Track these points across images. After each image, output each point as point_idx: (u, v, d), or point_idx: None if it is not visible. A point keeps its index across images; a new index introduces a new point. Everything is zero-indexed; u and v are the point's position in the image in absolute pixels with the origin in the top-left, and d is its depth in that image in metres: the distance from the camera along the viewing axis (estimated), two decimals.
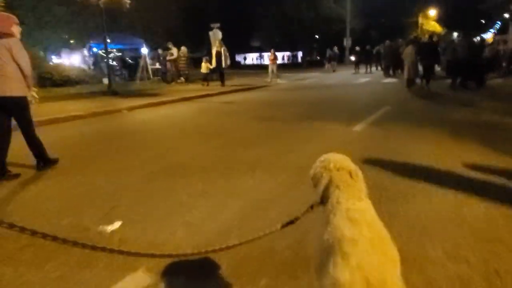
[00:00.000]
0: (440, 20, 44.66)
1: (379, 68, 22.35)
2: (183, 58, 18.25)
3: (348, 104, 9.77)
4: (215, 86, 15.03)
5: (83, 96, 12.32)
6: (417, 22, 44.89)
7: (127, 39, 19.37)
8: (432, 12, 44.37)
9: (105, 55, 15.66)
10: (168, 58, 17.76)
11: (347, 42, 31.02)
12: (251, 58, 50.99)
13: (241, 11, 36.04)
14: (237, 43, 45.14)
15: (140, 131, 7.09)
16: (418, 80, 12.85)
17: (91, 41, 19.22)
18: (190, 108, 10.10)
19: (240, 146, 5.43)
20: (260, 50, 51.34)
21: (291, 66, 36.08)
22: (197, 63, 19.94)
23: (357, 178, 1.47)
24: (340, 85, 15.54)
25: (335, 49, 24.76)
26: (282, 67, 35.61)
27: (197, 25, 27.62)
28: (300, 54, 49.08)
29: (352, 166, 1.53)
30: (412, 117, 7.33)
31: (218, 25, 20.06)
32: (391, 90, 12.68)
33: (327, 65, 25.70)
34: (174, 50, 17.64)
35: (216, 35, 20.06)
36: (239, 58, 50.93)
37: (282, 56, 44.34)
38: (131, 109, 9.73)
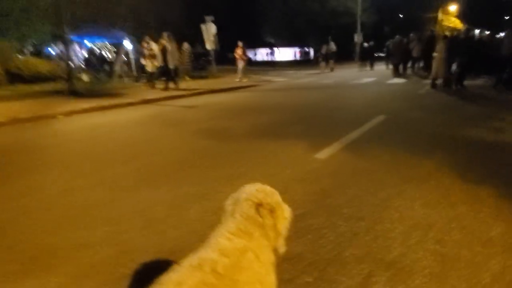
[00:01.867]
0: (460, 16, 41.69)
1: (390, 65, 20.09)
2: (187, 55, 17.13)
3: (334, 111, 7.83)
4: (198, 85, 13.28)
5: (38, 96, 10.79)
6: (435, 18, 42.21)
7: (109, 32, 17.74)
8: (453, 8, 41.55)
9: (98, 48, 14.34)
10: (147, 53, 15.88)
11: (358, 37, 28.63)
12: (263, 54, 49.09)
13: (247, 3, 34.13)
14: (246, 38, 43.50)
15: (41, 148, 5.37)
16: (439, 81, 11.15)
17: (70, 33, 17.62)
18: (137, 114, 8.33)
19: (149, 178, 3.72)
20: (271, 45, 49.47)
21: (302, 63, 34.01)
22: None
23: (266, 215, 1.20)
24: (338, 85, 13.51)
25: (332, 44, 21.20)
26: (290, 64, 33.93)
27: (196, 19, 26.05)
28: (312, 50, 46.96)
29: (268, 200, 1.24)
30: (410, 136, 5.36)
31: (212, 17, 18.26)
32: (395, 93, 10.62)
33: (322, 64, 22.04)
34: (154, 45, 15.84)
35: (209, 29, 18.29)
36: (249, 54, 49.10)
37: (294, 53, 42.27)
38: (70, 113, 8.06)
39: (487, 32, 22.79)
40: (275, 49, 48.28)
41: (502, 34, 15.78)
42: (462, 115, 6.96)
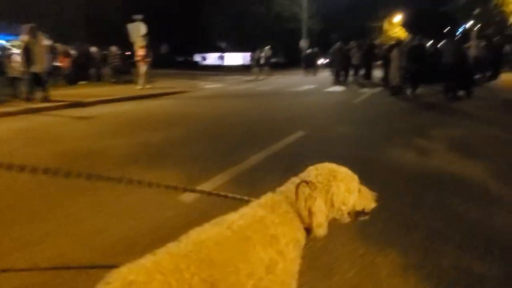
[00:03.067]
0: (405, 25, 43.22)
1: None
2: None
3: (251, 125, 6.70)
4: (111, 91, 11.63)
5: None
6: (381, 27, 43.41)
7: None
8: (397, 18, 42.97)
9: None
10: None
11: (303, 43, 28.24)
12: (214, 59, 47.53)
13: (193, 5, 32.62)
14: (192, 41, 41.65)
15: None
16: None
17: None
18: (8, 126, 6.63)
19: None
20: (221, 50, 48.09)
21: (250, 68, 33.12)
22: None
23: (303, 194, 1.15)
24: (273, 93, 12.53)
25: (267, 49, 19.92)
26: (238, 69, 32.72)
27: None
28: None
29: (319, 179, 1.19)
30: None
31: (141, 17, 16.62)
32: (328, 103, 9.80)
33: (255, 69, 20.41)
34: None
35: (137, 29, 16.62)
36: (197, 58, 47.43)
37: (243, 57, 41.15)
38: None
39: (430, 42, 23.40)
40: (225, 54, 47.23)
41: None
42: (392, 129, 6.12)
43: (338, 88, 13.60)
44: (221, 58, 47.37)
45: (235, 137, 5.74)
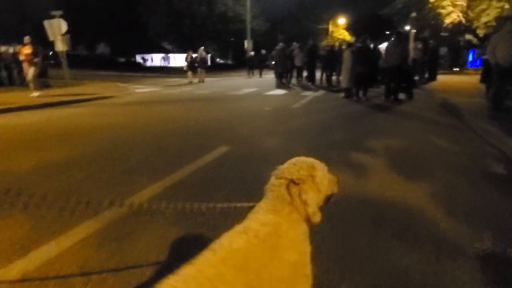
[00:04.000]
0: (349, 28, 44.26)
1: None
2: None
3: (165, 139, 5.58)
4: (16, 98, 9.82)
5: None
6: (327, 29, 44.10)
7: None
8: (342, 21, 43.89)
9: None
10: None
11: (247, 44, 27.42)
12: (158, 60, 45.12)
13: (129, 3, 30.43)
14: (133, 41, 39.09)
15: None
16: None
17: None
18: None
19: None
20: (166, 51, 45.84)
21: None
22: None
23: (296, 192, 1.30)
24: (209, 98, 11.45)
25: (201, 50, 18.12)
26: (181, 71, 30.84)
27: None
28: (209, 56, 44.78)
29: (301, 173, 1.30)
30: (232, 188, 3.31)
31: (60, 13, 14.67)
32: (264, 109, 8.91)
33: (188, 73, 18.34)
34: None
35: (56, 26, 14.64)
36: (138, 58, 44.84)
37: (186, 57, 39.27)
38: None
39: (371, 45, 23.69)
40: (170, 55, 45.09)
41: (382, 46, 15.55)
42: (328, 140, 5.32)
43: (280, 91, 12.85)
44: (165, 59, 45.26)
45: (147, 155, 4.59)
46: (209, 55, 45.17)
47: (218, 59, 50.57)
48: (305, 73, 16.07)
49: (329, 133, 5.94)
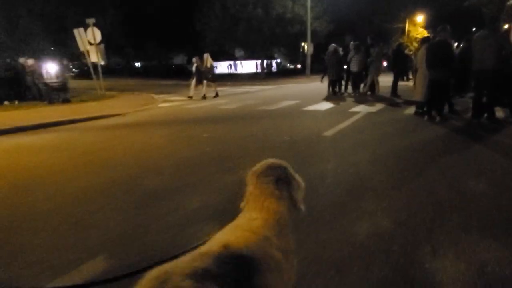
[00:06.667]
0: (427, 26, 38.97)
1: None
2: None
3: (143, 182, 3.39)
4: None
5: None
6: (403, 28, 39.39)
7: None
8: (419, 18, 38.88)
9: None
10: None
11: (308, 47, 24.64)
12: (226, 67, 44.46)
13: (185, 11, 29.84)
14: (192, 48, 38.80)
15: None
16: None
17: None
18: None
19: None
20: (234, 58, 44.79)
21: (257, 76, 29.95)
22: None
23: (283, 188, 1.49)
24: (231, 115, 9.05)
25: (207, 57, 12.98)
26: (244, 78, 29.39)
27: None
28: (274, 62, 42.55)
29: (285, 173, 1.51)
30: None
31: (93, 20, 13.74)
32: (279, 140, 6.33)
33: (193, 84, 13.33)
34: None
35: (90, 35, 13.74)
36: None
37: (256, 65, 37.59)
38: None
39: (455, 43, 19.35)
40: (238, 62, 43.87)
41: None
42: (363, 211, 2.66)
43: (324, 105, 10.00)
44: (233, 66, 44.24)
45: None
46: (275, 61, 43.32)
47: (288, 64, 48.32)
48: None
49: (364, 203, 3.20)
